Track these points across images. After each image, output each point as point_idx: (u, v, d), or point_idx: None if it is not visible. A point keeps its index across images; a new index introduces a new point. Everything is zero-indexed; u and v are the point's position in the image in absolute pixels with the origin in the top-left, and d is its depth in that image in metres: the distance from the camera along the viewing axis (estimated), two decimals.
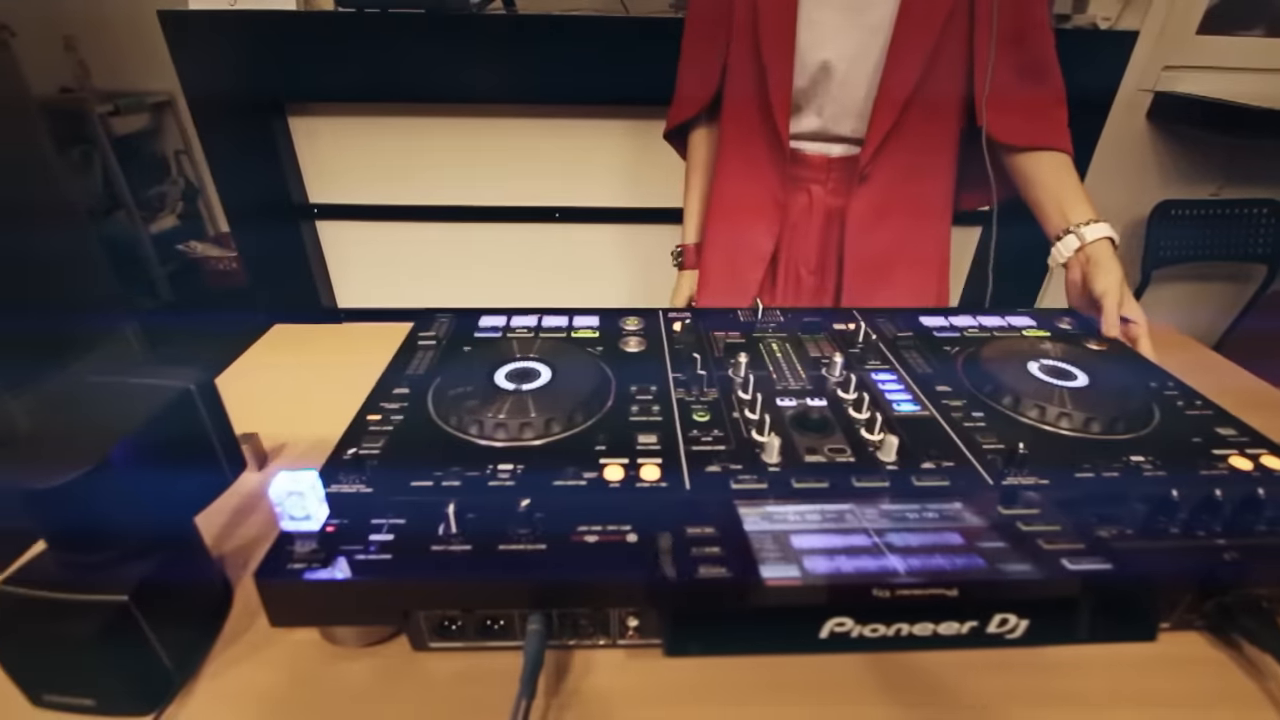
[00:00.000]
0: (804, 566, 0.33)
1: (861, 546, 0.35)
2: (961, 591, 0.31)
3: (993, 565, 0.34)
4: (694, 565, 0.33)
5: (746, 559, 0.34)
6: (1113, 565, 0.33)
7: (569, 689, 0.37)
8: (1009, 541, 0.36)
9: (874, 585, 0.31)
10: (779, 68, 0.73)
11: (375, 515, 0.38)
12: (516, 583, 0.35)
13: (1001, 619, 0.31)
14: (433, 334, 0.59)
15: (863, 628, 0.31)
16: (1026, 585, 0.31)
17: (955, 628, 0.31)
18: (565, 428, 0.46)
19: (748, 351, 0.57)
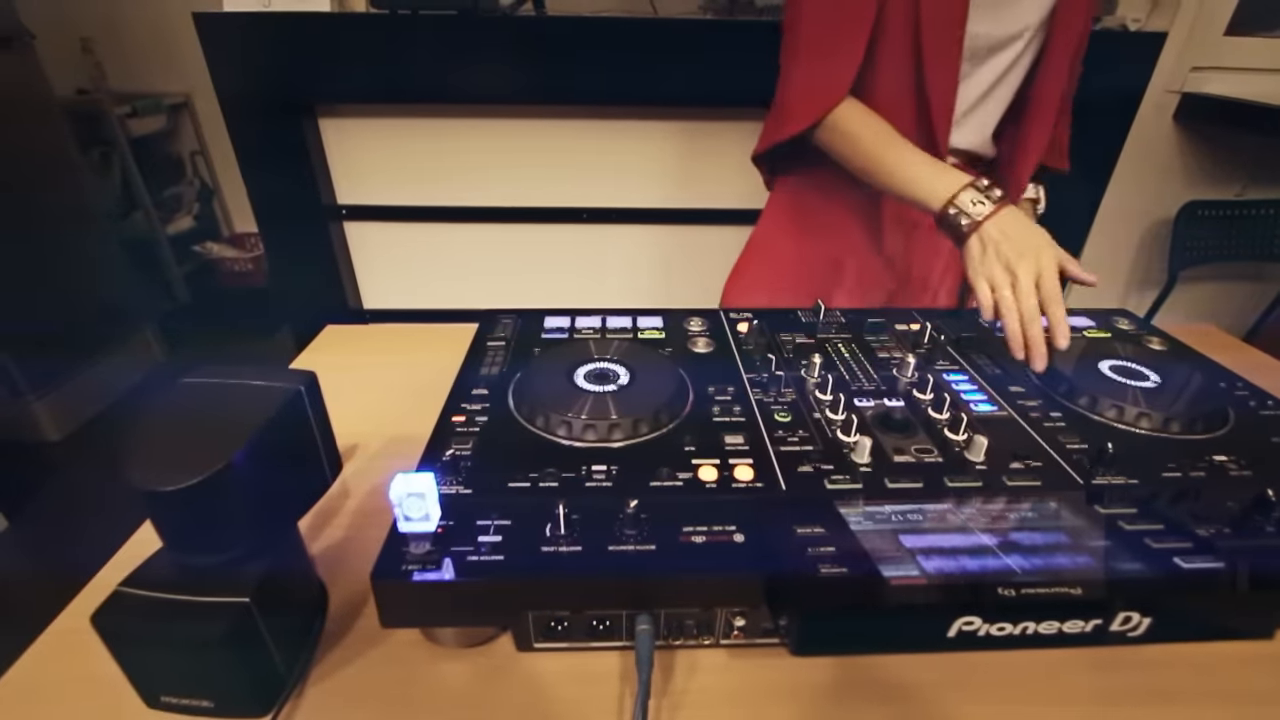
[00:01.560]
0: (922, 565, 0.34)
1: (971, 546, 0.36)
2: (1085, 590, 0.31)
3: (1107, 564, 0.34)
4: (814, 564, 0.33)
5: (863, 558, 0.34)
6: (1224, 563, 0.34)
7: (676, 689, 0.37)
8: (1117, 541, 0.36)
9: (998, 584, 0.31)
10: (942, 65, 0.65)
11: (479, 516, 0.38)
12: (627, 583, 0.36)
13: (1125, 617, 0.31)
14: (501, 335, 0.60)
15: (990, 626, 0.31)
16: (1148, 583, 0.32)
17: (1080, 625, 0.31)
18: (652, 429, 0.46)
19: (818, 352, 0.57)
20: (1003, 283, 0.57)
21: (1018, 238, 0.58)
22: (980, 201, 0.60)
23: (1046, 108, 0.71)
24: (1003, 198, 0.60)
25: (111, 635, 0.33)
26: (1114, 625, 0.31)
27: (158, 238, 2.19)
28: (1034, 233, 0.58)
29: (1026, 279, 0.56)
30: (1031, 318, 0.55)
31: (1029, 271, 0.56)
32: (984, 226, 0.59)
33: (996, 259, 0.58)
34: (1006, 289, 0.56)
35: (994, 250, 0.58)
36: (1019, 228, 0.58)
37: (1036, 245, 0.57)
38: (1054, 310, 0.55)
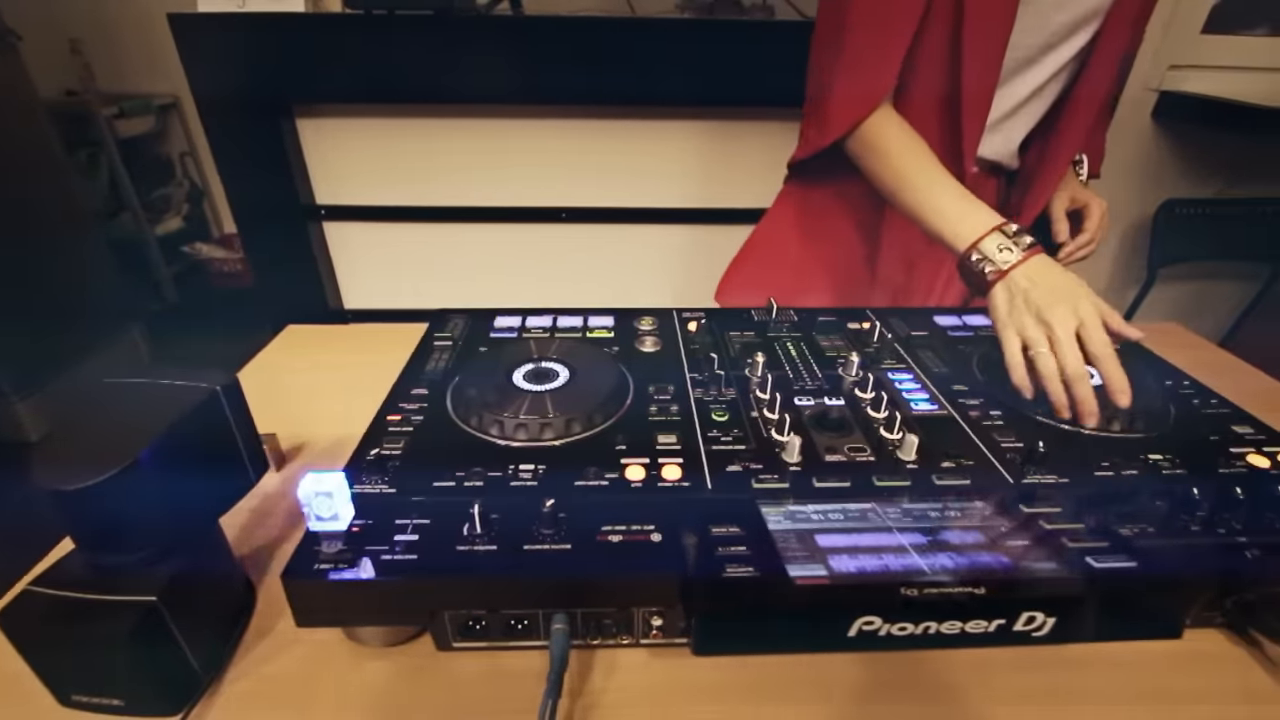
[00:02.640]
0: (830, 565, 0.34)
1: (886, 545, 0.36)
2: (989, 589, 0.31)
3: (1019, 563, 0.34)
4: (721, 564, 0.33)
5: (773, 558, 0.34)
6: (1137, 563, 0.33)
7: (594, 688, 0.37)
8: (1033, 540, 0.36)
9: (902, 584, 0.31)
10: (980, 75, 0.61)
11: (399, 515, 0.38)
12: (542, 582, 0.35)
13: (1029, 617, 0.31)
14: (449, 334, 0.59)
15: (891, 626, 0.31)
16: (1053, 583, 0.32)
17: (983, 626, 0.31)
18: (585, 428, 0.46)
19: (764, 351, 0.57)
20: (1037, 338, 0.50)
21: (1049, 286, 0.51)
22: (1008, 248, 0.54)
23: (1081, 118, 0.67)
24: (1032, 245, 0.54)
25: (16, 634, 0.33)
26: (1018, 626, 0.31)
27: (146, 238, 2.19)
28: (1068, 279, 0.52)
29: (1065, 331, 0.49)
30: (1078, 375, 0.48)
31: (1065, 322, 0.49)
32: (1011, 275, 0.53)
33: (1026, 309, 0.51)
34: (1043, 345, 0.50)
35: (1023, 300, 0.52)
36: (1051, 275, 0.52)
37: (1072, 292, 0.51)
38: (1107, 366, 0.48)
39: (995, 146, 0.70)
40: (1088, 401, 0.48)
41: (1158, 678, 0.38)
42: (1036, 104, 0.68)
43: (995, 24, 0.59)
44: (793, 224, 0.79)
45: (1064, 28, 0.61)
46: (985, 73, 0.62)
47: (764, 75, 1.18)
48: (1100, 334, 0.49)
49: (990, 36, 0.60)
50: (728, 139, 1.37)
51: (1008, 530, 0.37)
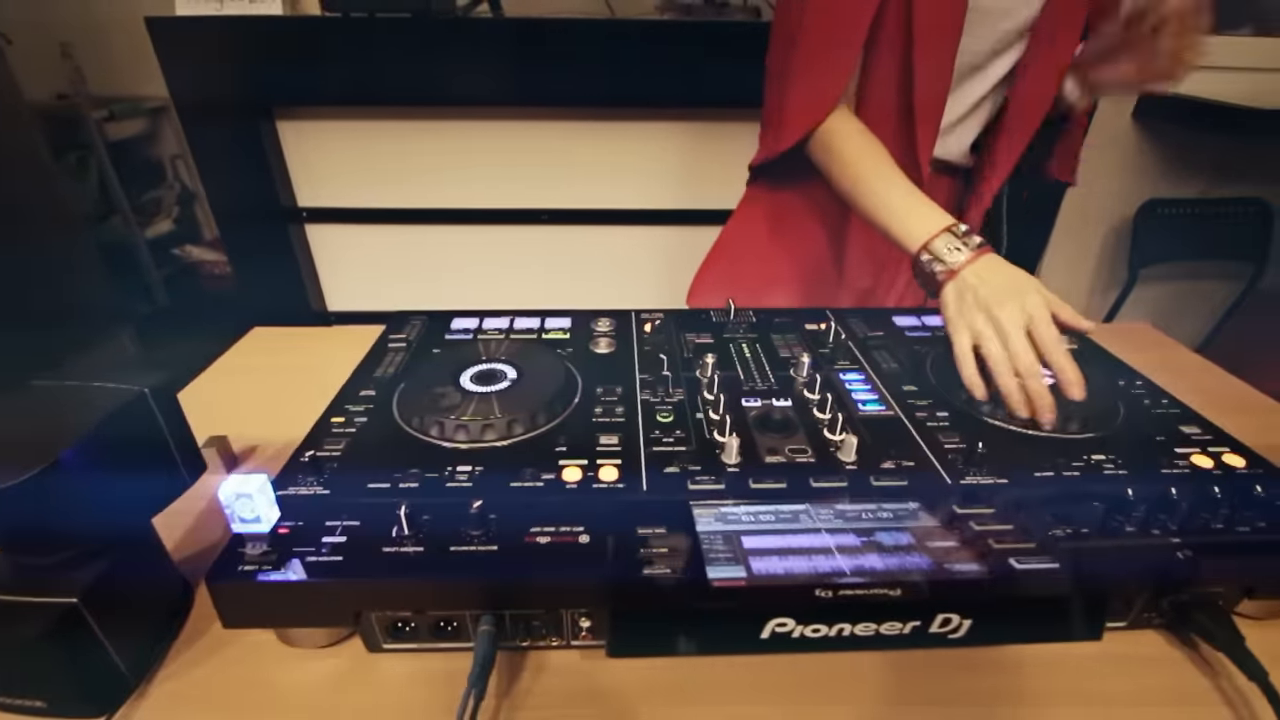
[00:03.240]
0: (751, 567, 0.33)
1: (812, 547, 0.35)
2: (904, 591, 0.31)
3: (939, 565, 0.34)
4: (639, 566, 0.33)
5: (694, 560, 0.34)
6: (1059, 565, 0.33)
7: (522, 689, 0.37)
8: (960, 541, 0.36)
9: (817, 585, 0.31)
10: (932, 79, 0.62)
11: (330, 517, 0.38)
12: (465, 584, 0.35)
13: (944, 619, 0.31)
14: (404, 336, 0.60)
15: (804, 628, 0.31)
16: (968, 585, 0.31)
17: (898, 627, 0.31)
18: (528, 429, 0.46)
19: (716, 352, 0.57)
20: (987, 334, 0.50)
21: (998, 283, 0.52)
22: (957, 248, 0.54)
23: (1024, 121, 0.67)
24: (981, 245, 0.55)
25: None
26: (933, 627, 0.31)
27: (136, 241, 2.20)
28: (1017, 276, 0.52)
29: (1014, 326, 0.49)
30: (1030, 370, 0.48)
31: (1014, 318, 0.49)
32: (961, 274, 0.54)
33: (976, 307, 0.52)
34: (993, 341, 0.50)
35: (972, 297, 0.52)
36: (1000, 273, 0.53)
37: (1021, 288, 0.51)
38: (1056, 358, 0.48)
39: (949, 148, 0.70)
40: (1042, 396, 0.48)
41: (1091, 680, 0.38)
42: (987, 106, 0.69)
43: (944, 35, 0.60)
44: (759, 226, 0.79)
45: (1011, 35, 0.62)
46: (936, 81, 0.62)
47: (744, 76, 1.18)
48: (1049, 328, 0.49)
49: (940, 47, 0.61)
50: (708, 140, 1.37)
51: (936, 532, 0.37)
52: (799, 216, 0.76)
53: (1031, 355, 0.49)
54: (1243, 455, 0.46)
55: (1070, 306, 0.51)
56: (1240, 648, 0.37)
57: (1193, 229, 1.45)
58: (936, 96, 0.63)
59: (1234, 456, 0.46)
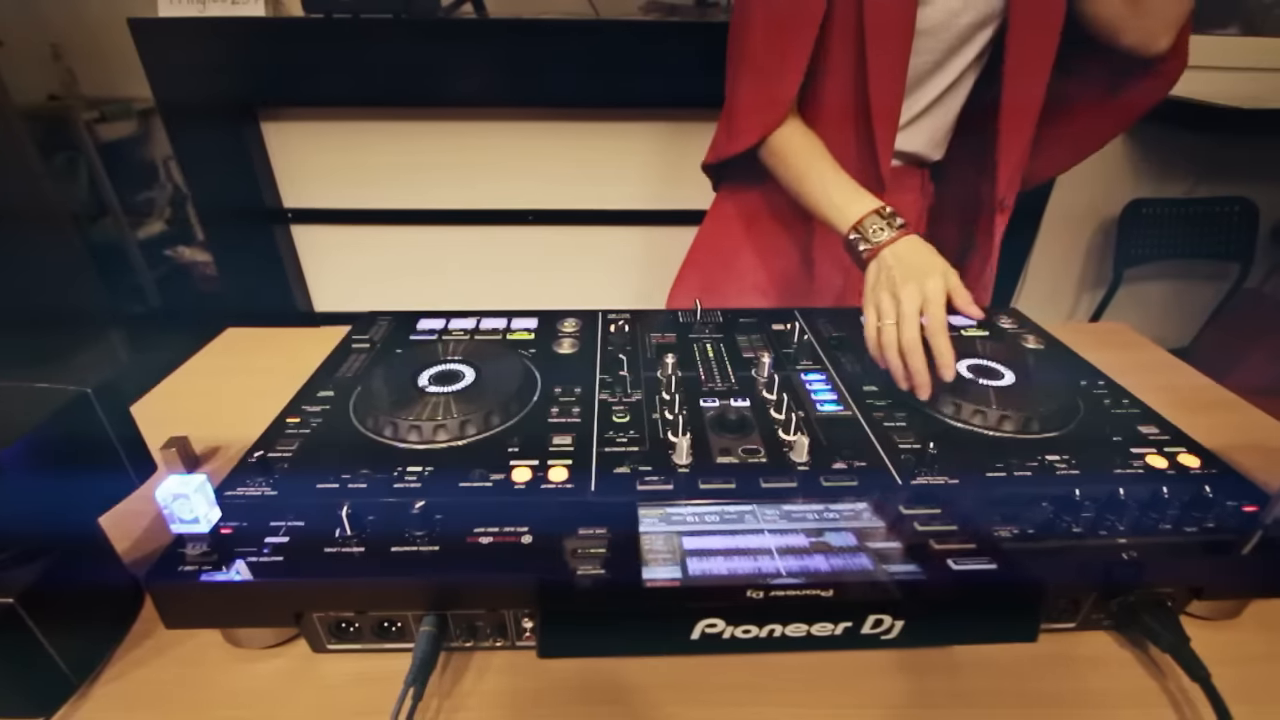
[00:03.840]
0: (688, 568, 0.33)
1: (752, 548, 0.35)
2: (836, 592, 0.31)
3: (877, 566, 0.34)
4: (573, 567, 0.33)
5: (630, 561, 0.34)
6: (996, 566, 0.33)
7: (465, 690, 0.37)
8: (901, 542, 0.36)
9: (748, 586, 0.31)
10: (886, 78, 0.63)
11: (275, 518, 0.38)
12: (405, 584, 0.35)
13: (876, 620, 0.31)
14: (367, 337, 0.60)
15: (734, 629, 0.31)
16: (901, 586, 0.31)
17: (829, 628, 0.31)
18: (481, 429, 0.46)
19: (679, 352, 0.57)
20: (888, 311, 0.54)
21: (908, 264, 0.55)
22: (882, 228, 0.58)
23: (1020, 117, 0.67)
24: (903, 226, 0.58)
25: None
26: (865, 629, 0.31)
27: (128, 242, 2.20)
28: (928, 260, 0.55)
29: (910, 306, 0.52)
30: (910, 348, 0.51)
31: (912, 298, 0.53)
32: (882, 252, 0.57)
33: (886, 285, 0.55)
34: (890, 318, 0.53)
35: (885, 276, 0.56)
36: (914, 254, 0.56)
37: (926, 271, 0.54)
38: (936, 341, 0.51)
39: (914, 141, 0.71)
40: (919, 374, 0.50)
41: (1036, 681, 0.38)
42: (951, 100, 0.69)
43: (895, 36, 0.61)
44: (731, 229, 0.80)
45: (968, 28, 0.63)
46: (891, 81, 0.63)
47: None
48: (938, 311, 0.52)
49: (891, 48, 0.61)
50: (693, 140, 1.37)
51: (879, 533, 0.37)
52: (768, 218, 0.76)
53: (914, 334, 0.51)
54: (1198, 455, 0.46)
55: (969, 294, 0.54)
56: (1184, 648, 0.37)
57: (1178, 229, 1.44)
58: (892, 97, 0.64)
59: (1190, 457, 0.46)
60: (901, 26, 0.60)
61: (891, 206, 0.59)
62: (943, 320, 0.51)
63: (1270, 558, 0.38)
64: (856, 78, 0.63)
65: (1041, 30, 0.62)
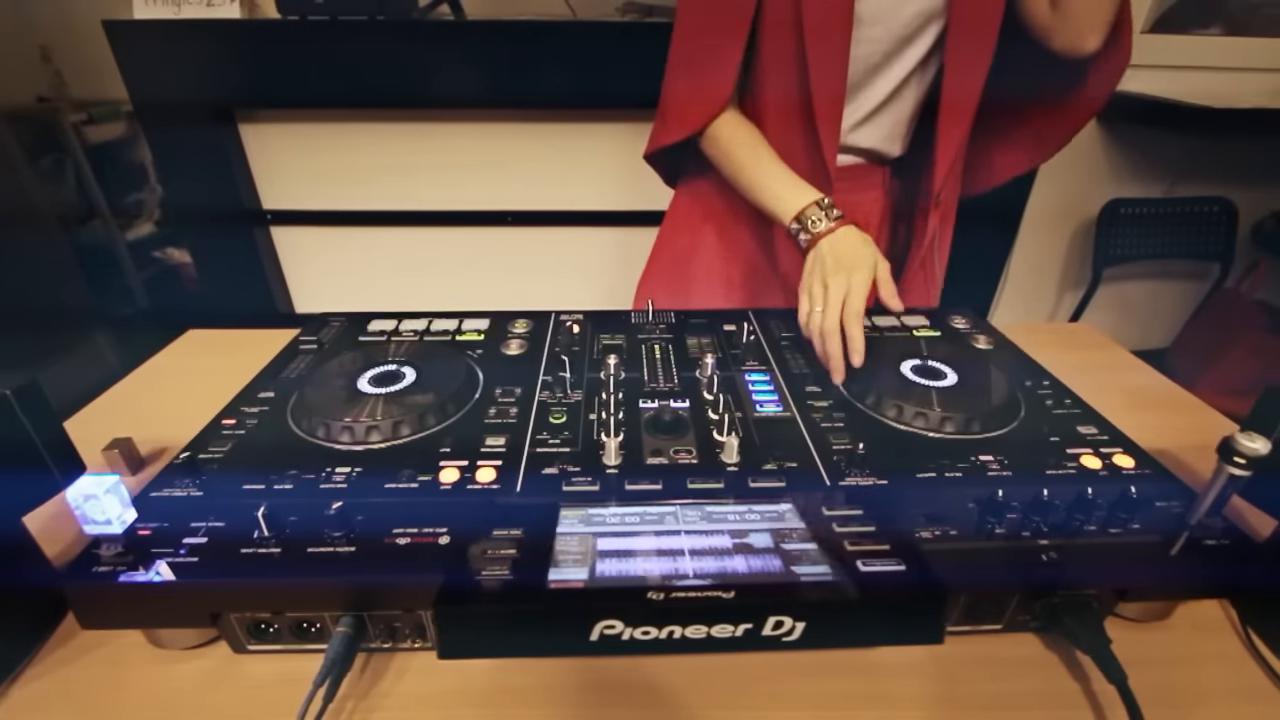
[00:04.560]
0: (595, 570, 0.33)
1: (666, 549, 0.35)
2: (737, 594, 0.31)
3: (786, 568, 0.34)
4: (477, 568, 0.33)
5: (538, 562, 0.34)
6: (905, 567, 0.33)
7: (382, 691, 0.37)
8: (817, 543, 0.36)
9: (650, 588, 0.31)
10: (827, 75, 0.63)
11: (197, 519, 0.38)
12: (318, 585, 0.35)
13: (776, 621, 0.30)
14: (315, 339, 0.60)
15: (633, 630, 0.31)
16: (802, 588, 0.31)
17: (729, 630, 0.31)
18: (415, 430, 0.46)
19: (629, 353, 0.57)
20: (818, 297, 0.57)
21: (840, 254, 0.58)
22: (820, 219, 0.60)
23: (953, 120, 0.67)
24: (840, 217, 0.60)
25: None
26: (766, 630, 0.31)
27: (116, 243, 2.21)
28: (860, 251, 0.57)
29: (835, 294, 0.55)
30: (827, 333, 0.54)
31: (838, 288, 0.55)
32: (819, 242, 0.60)
33: (819, 274, 0.58)
34: (820, 305, 0.56)
35: (820, 265, 0.58)
36: (849, 245, 0.58)
37: (855, 262, 0.56)
38: (850, 328, 0.54)
39: (870, 138, 0.71)
40: (833, 358, 0.54)
41: (956, 683, 0.38)
42: (906, 96, 0.69)
43: (833, 26, 0.61)
44: (692, 225, 0.79)
45: (916, 18, 0.62)
46: (832, 73, 0.63)
47: None
48: (857, 302, 0.55)
49: (831, 39, 0.62)
50: None
51: (796, 534, 0.37)
52: (727, 212, 0.76)
53: (833, 320, 0.54)
54: (1134, 456, 0.46)
55: (893, 288, 0.58)
56: (1104, 651, 0.37)
57: (1157, 229, 1.44)
58: (834, 92, 0.64)
59: (1125, 457, 0.45)
60: (840, 15, 0.60)
61: (831, 199, 0.62)
62: (859, 310, 0.55)
63: (1195, 559, 0.38)
64: (799, 71, 0.63)
65: (979, 26, 0.62)
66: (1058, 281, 1.63)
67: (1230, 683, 0.39)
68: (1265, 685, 0.39)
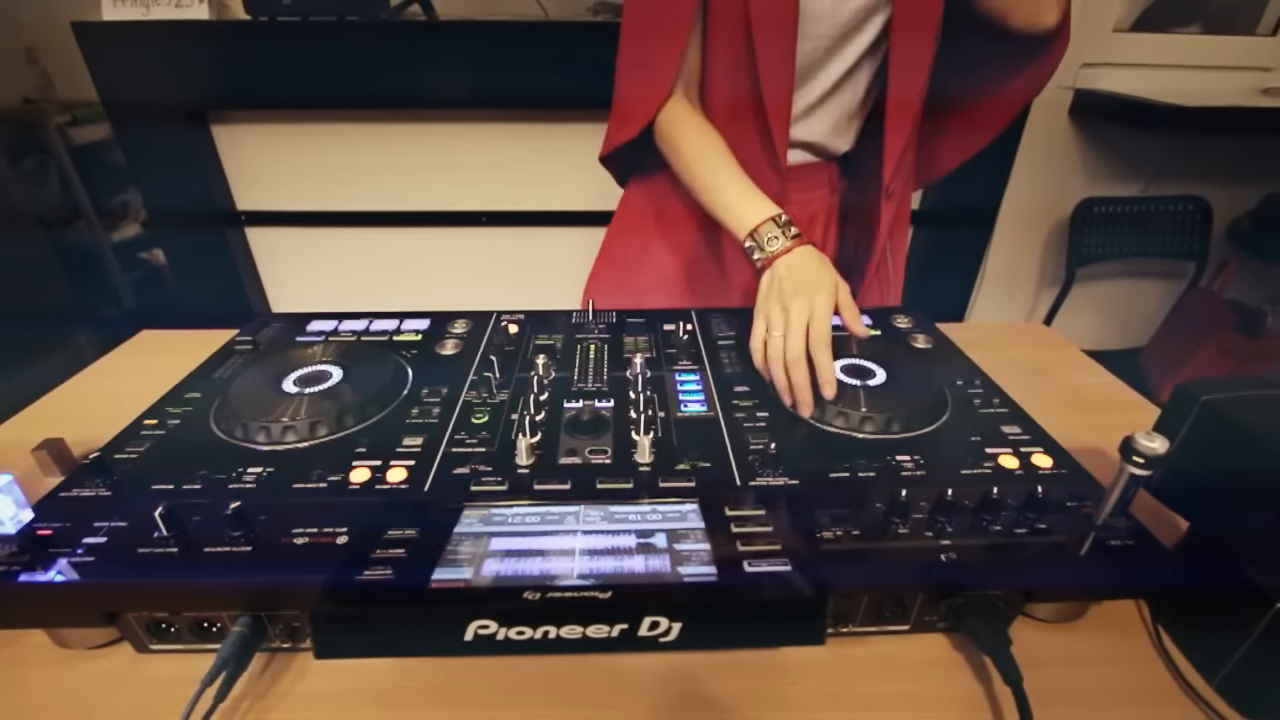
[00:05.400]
0: (481, 569, 0.33)
1: (558, 549, 0.35)
2: (615, 595, 0.31)
3: (674, 568, 0.33)
4: (360, 569, 0.33)
5: (424, 562, 0.34)
6: (790, 568, 0.33)
7: (280, 691, 0.37)
8: (711, 543, 0.36)
9: (526, 588, 0.31)
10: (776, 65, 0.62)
11: (101, 519, 0.38)
12: (211, 584, 0.35)
13: (653, 622, 0.30)
14: (250, 339, 0.60)
15: (508, 630, 0.30)
16: (681, 589, 0.31)
17: (605, 630, 0.31)
18: (333, 430, 0.46)
19: (560, 353, 0.57)
20: (776, 323, 0.53)
21: (800, 277, 0.55)
22: (776, 237, 0.58)
23: (901, 110, 0.67)
24: (797, 235, 0.58)
25: None
26: (642, 631, 0.31)
27: (102, 245, 2.21)
28: (819, 274, 0.55)
29: (797, 320, 0.52)
30: (794, 362, 0.50)
31: (801, 312, 0.52)
32: (775, 262, 0.57)
33: (777, 297, 0.55)
34: (778, 330, 0.53)
35: (777, 288, 0.55)
36: (807, 267, 0.56)
37: (816, 285, 0.53)
38: (818, 356, 0.50)
39: (813, 131, 0.70)
40: (801, 391, 0.50)
41: (855, 684, 0.38)
42: (850, 88, 0.69)
43: (780, 22, 0.61)
44: (641, 223, 0.79)
45: (860, 12, 0.62)
46: (780, 69, 0.63)
47: None
48: (822, 327, 0.51)
49: (778, 35, 0.61)
50: None
51: (693, 534, 0.37)
52: (676, 210, 0.76)
53: (799, 348, 0.51)
54: (1053, 456, 0.45)
55: (856, 311, 0.55)
56: (1003, 652, 0.37)
57: (1132, 228, 1.43)
58: (783, 88, 0.64)
59: (1044, 457, 0.45)
60: (786, 10, 0.60)
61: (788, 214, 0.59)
62: (826, 336, 0.51)
63: (1100, 560, 0.38)
64: (748, 68, 0.63)
65: (921, 17, 0.62)
66: (1035, 281, 1.62)
67: (1136, 683, 0.39)
68: (1170, 685, 0.39)
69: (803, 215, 0.76)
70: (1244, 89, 1.44)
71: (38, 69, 2.21)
